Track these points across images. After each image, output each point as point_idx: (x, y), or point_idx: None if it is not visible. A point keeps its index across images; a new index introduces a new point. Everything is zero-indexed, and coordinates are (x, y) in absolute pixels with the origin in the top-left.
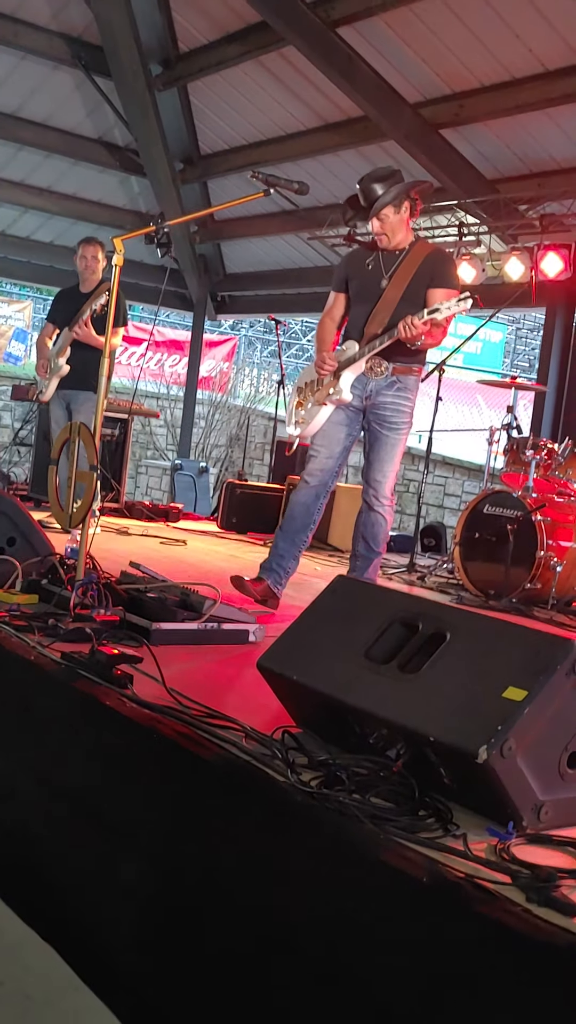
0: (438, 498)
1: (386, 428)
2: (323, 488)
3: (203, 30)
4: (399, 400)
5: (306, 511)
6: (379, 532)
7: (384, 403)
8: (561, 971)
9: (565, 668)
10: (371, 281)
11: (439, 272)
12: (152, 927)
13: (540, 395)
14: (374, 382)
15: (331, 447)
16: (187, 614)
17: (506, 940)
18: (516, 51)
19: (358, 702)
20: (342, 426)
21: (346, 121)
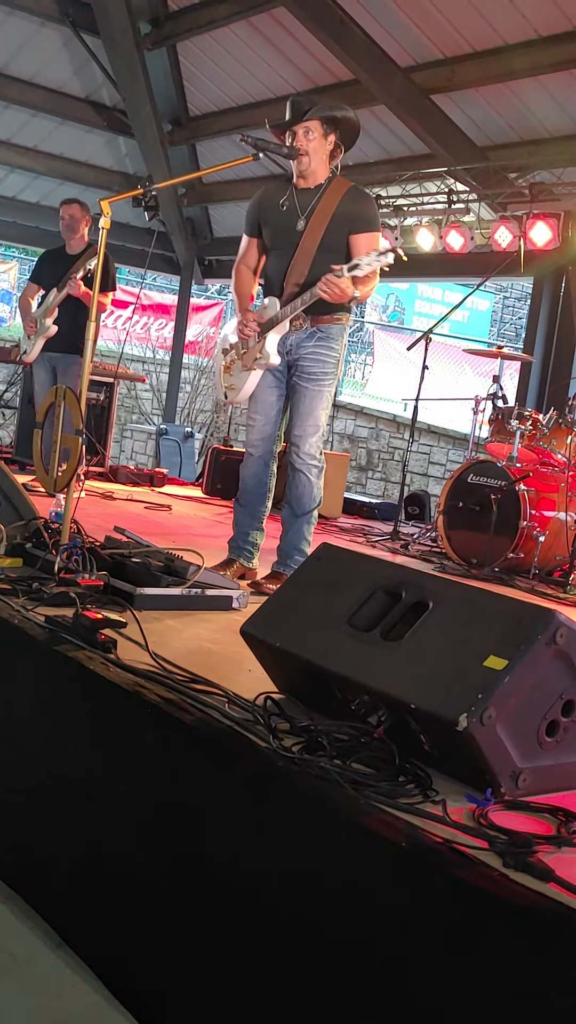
0: (423, 466)
1: (305, 380)
2: (269, 456)
3: None
4: (319, 350)
5: (258, 482)
6: (303, 494)
7: (305, 354)
8: (536, 935)
9: (545, 638)
10: (286, 224)
11: (360, 214)
12: (135, 890)
13: (526, 365)
14: (295, 335)
15: (266, 412)
16: (171, 579)
17: (483, 904)
18: (509, 16)
19: (340, 669)
20: (272, 388)
21: (337, 84)
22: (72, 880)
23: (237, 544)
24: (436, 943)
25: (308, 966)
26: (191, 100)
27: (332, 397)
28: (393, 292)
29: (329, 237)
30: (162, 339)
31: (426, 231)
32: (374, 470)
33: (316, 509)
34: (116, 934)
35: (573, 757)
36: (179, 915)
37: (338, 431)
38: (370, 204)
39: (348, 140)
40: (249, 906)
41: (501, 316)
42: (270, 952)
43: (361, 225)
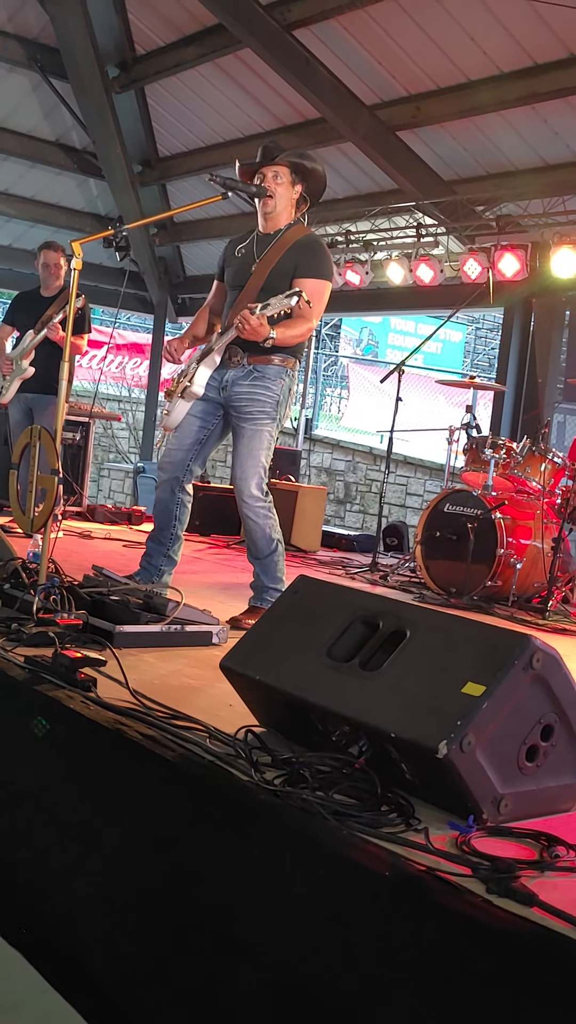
0: (400, 498)
1: (242, 420)
2: (176, 482)
3: (159, 32)
4: (255, 390)
5: (164, 508)
6: (256, 539)
7: (239, 393)
8: (521, 960)
9: (522, 663)
10: (242, 267)
11: (304, 261)
12: (117, 929)
13: (499, 394)
14: (231, 372)
15: (181, 439)
16: (150, 616)
17: (467, 931)
18: (471, 54)
19: (320, 700)
20: (196, 418)
21: (304, 123)
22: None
23: (142, 566)
24: (422, 971)
25: (295, 999)
26: (160, 141)
27: (273, 437)
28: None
29: (273, 279)
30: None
31: (396, 265)
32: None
33: (278, 546)
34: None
35: (553, 781)
36: (163, 950)
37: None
38: (318, 253)
39: (314, 194)
40: (235, 941)
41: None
42: (257, 986)
43: (304, 271)
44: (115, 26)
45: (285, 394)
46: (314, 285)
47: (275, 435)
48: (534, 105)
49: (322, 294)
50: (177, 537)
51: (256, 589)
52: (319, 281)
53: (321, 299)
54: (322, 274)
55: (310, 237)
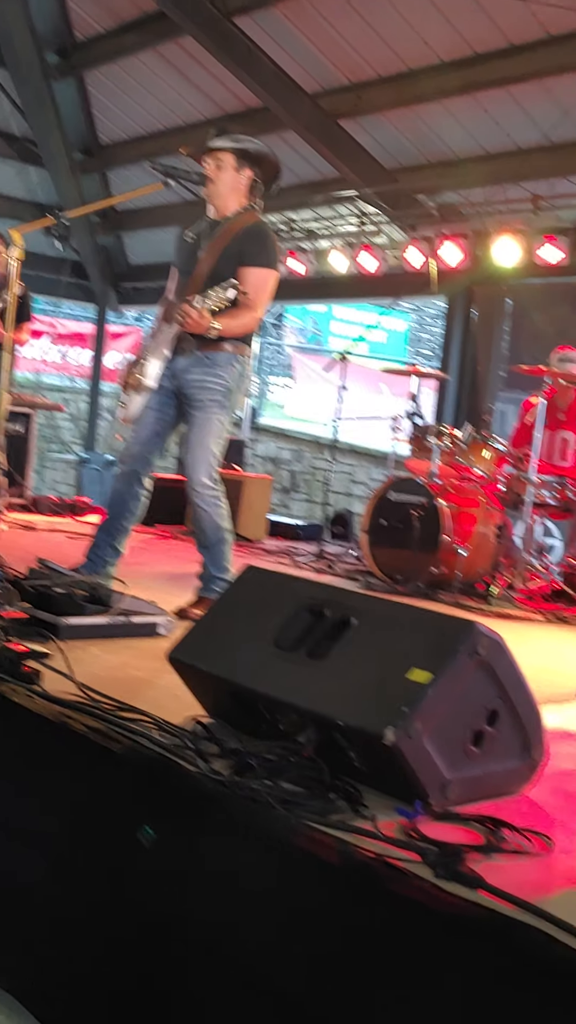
0: (345, 486)
1: (193, 408)
2: (134, 475)
3: (100, 19)
4: (205, 377)
5: (119, 499)
6: (205, 527)
7: (190, 381)
8: (469, 943)
9: (467, 649)
10: (191, 253)
11: (249, 249)
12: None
13: (443, 383)
14: (182, 360)
15: (139, 431)
16: (96, 608)
17: (416, 915)
18: (412, 43)
19: (267, 689)
20: (152, 410)
21: (246, 112)
22: None
23: (88, 556)
24: (372, 957)
25: (245, 988)
26: (101, 129)
27: (225, 426)
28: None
29: (219, 267)
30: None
31: (339, 254)
32: (298, 491)
33: (226, 535)
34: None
35: (499, 766)
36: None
37: (260, 454)
38: (264, 241)
39: (269, 179)
40: (183, 932)
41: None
42: (207, 976)
43: (248, 259)
44: (54, 12)
45: (237, 381)
46: (258, 274)
47: (227, 423)
48: (475, 94)
49: (266, 283)
50: (126, 530)
51: (203, 579)
52: (263, 270)
53: (266, 288)
54: (266, 263)
55: (257, 225)
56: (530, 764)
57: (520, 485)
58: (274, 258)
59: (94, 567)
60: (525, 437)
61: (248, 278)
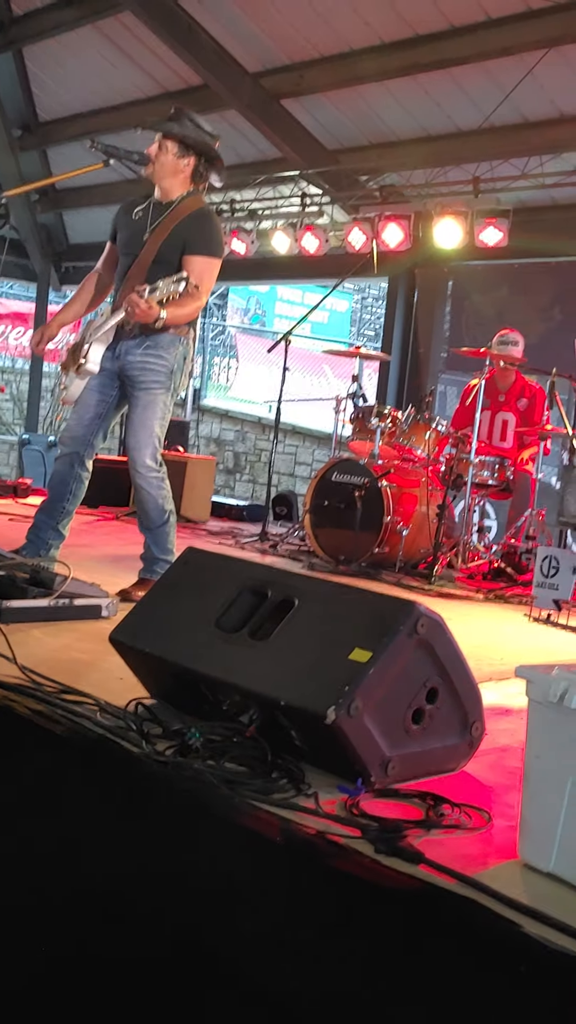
0: (289, 467)
1: (135, 389)
2: (76, 456)
3: None
4: (148, 358)
5: (61, 481)
6: (149, 508)
7: (132, 363)
8: (409, 916)
9: (407, 628)
10: (136, 233)
11: (194, 236)
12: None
13: (385, 364)
14: (125, 342)
15: (81, 413)
16: (38, 591)
17: (357, 891)
18: (353, 23)
19: (210, 670)
20: (94, 391)
21: (187, 90)
22: None
23: (28, 539)
24: (315, 932)
25: (192, 966)
26: (40, 105)
27: (168, 407)
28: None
29: (164, 251)
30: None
31: (282, 234)
32: (241, 472)
33: (169, 517)
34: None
35: (439, 743)
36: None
37: (204, 435)
38: (209, 227)
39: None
40: (129, 911)
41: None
42: (152, 955)
43: (193, 247)
44: None
45: (180, 362)
46: (203, 263)
47: (170, 404)
48: (416, 76)
49: (211, 271)
50: (68, 512)
51: (146, 560)
52: (208, 259)
53: (210, 276)
54: (211, 251)
55: (202, 211)
56: (469, 741)
57: (461, 466)
58: (218, 245)
59: (36, 549)
60: (466, 419)
61: (193, 266)
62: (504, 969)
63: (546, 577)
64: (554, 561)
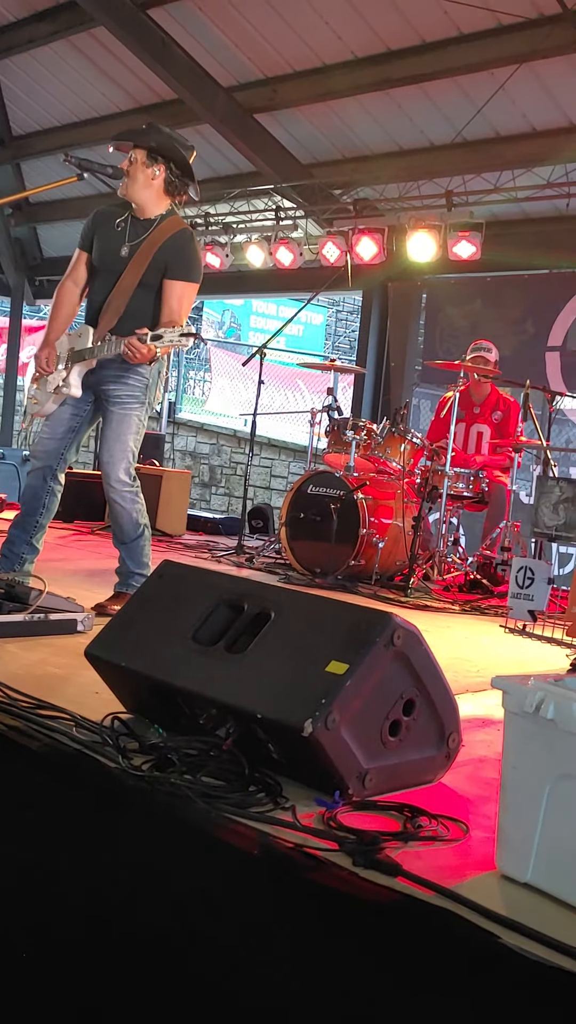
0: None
1: (110, 404)
2: (49, 470)
3: (10, 7)
4: (123, 374)
5: (34, 495)
6: (123, 523)
7: (108, 377)
8: (387, 929)
9: (383, 640)
10: (114, 247)
11: (175, 261)
12: None
13: (359, 377)
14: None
15: (54, 427)
16: (13, 606)
17: (335, 904)
18: (326, 38)
19: (186, 684)
20: (67, 405)
21: (161, 103)
22: None
23: (3, 552)
24: (293, 946)
25: (172, 980)
26: (13, 119)
27: (142, 422)
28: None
29: (148, 275)
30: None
31: (256, 248)
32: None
33: (144, 531)
34: None
35: (416, 754)
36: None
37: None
38: (189, 253)
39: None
40: (108, 927)
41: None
42: (129, 970)
43: (175, 272)
44: None
45: (155, 377)
46: (183, 288)
47: (144, 419)
48: (388, 91)
49: (191, 296)
50: (42, 526)
51: (121, 575)
52: (188, 284)
53: (189, 301)
54: (191, 277)
55: (183, 233)
56: (446, 752)
57: (436, 478)
58: (198, 272)
59: (10, 564)
60: (442, 431)
61: (173, 291)
62: (483, 979)
63: (521, 588)
64: (529, 572)
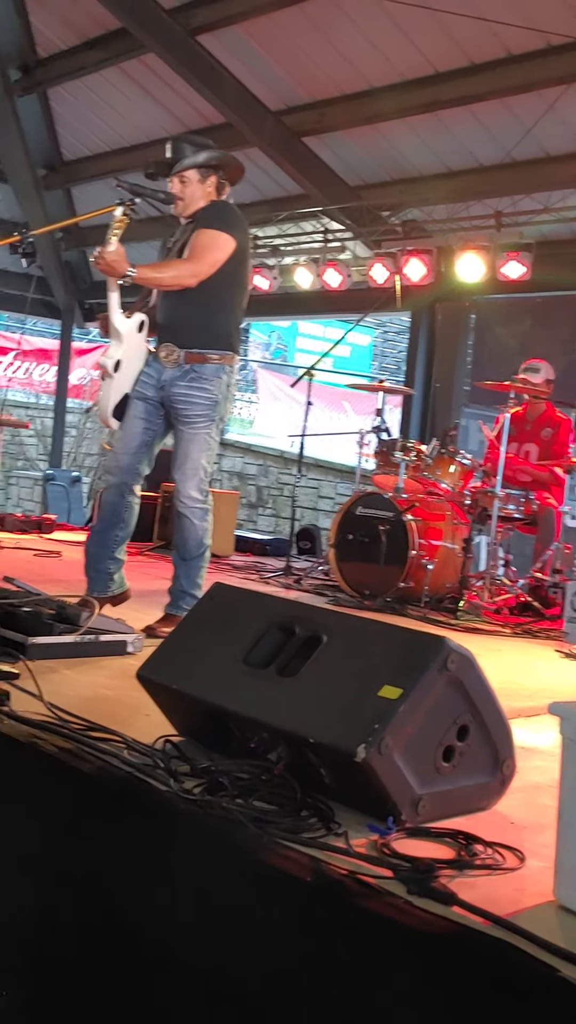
0: (312, 501)
1: (180, 423)
2: (124, 487)
3: (62, 36)
4: (192, 392)
5: (112, 510)
6: (187, 538)
7: (176, 395)
8: (442, 959)
9: (437, 664)
10: (169, 255)
11: (201, 220)
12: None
13: (408, 398)
14: (168, 372)
15: (127, 441)
16: (64, 627)
17: (389, 932)
18: (375, 61)
19: (238, 708)
20: (139, 419)
21: (209, 128)
22: None
23: (88, 574)
24: (346, 974)
25: (220, 1007)
26: (64, 145)
27: (214, 439)
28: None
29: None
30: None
31: (304, 270)
32: (264, 507)
33: (206, 552)
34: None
35: (469, 781)
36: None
37: (227, 469)
38: (217, 210)
39: (234, 176)
40: (159, 952)
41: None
42: (183, 995)
43: (199, 224)
44: (16, 29)
45: (224, 392)
46: (205, 234)
47: (216, 436)
48: (437, 113)
49: (214, 242)
50: (122, 539)
51: (173, 595)
52: (210, 231)
53: (212, 247)
54: (213, 225)
55: (217, 201)
56: (501, 779)
57: (486, 499)
58: (225, 222)
59: (103, 583)
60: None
61: (196, 238)
62: (541, 1013)
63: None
64: None
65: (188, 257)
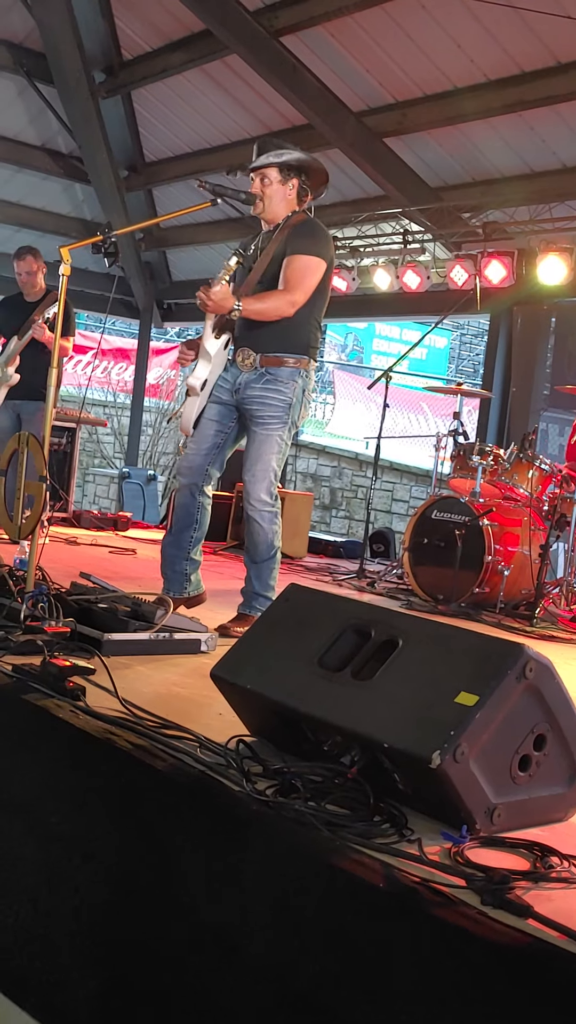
0: (386, 504)
1: (253, 424)
2: (196, 488)
3: (147, 38)
4: (267, 394)
5: (185, 511)
6: (258, 541)
7: (251, 397)
8: (517, 973)
9: (515, 672)
10: (248, 265)
11: (293, 241)
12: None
13: (485, 401)
14: (244, 375)
15: (199, 442)
16: (139, 624)
17: (463, 943)
18: (457, 61)
19: (312, 710)
20: (212, 421)
21: (291, 129)
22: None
23: (165, 575)
24: (418, 983)
25: (290, 1010)
26: (147, 146)
27: (285, 442)
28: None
29: (270, 270)
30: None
31: (383, 271)
32: (338, 508)
33: (276, 554)
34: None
35: (546, 791)
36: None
37: (301, 470)
38: (308, 231)
39: (317, 183)
40: (230, 952)
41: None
42: (252, 997)
43: (292, 248)
44: (101, 31)
45: (299, 396)
46: (299, 260)
47: (288, 439)
48: (520, 113)
49: (308, 269)
50: (197, 540)
51: (246, 595)
52: (305, 257)
53: (307, 274)
54: (308, 250)
55: (306, 220)
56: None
57: (565, 505)
58: (319, 247)
59: (179, 583)
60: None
61: (290, 264)
62: None
63: None
64: None
65: (285, 287)
